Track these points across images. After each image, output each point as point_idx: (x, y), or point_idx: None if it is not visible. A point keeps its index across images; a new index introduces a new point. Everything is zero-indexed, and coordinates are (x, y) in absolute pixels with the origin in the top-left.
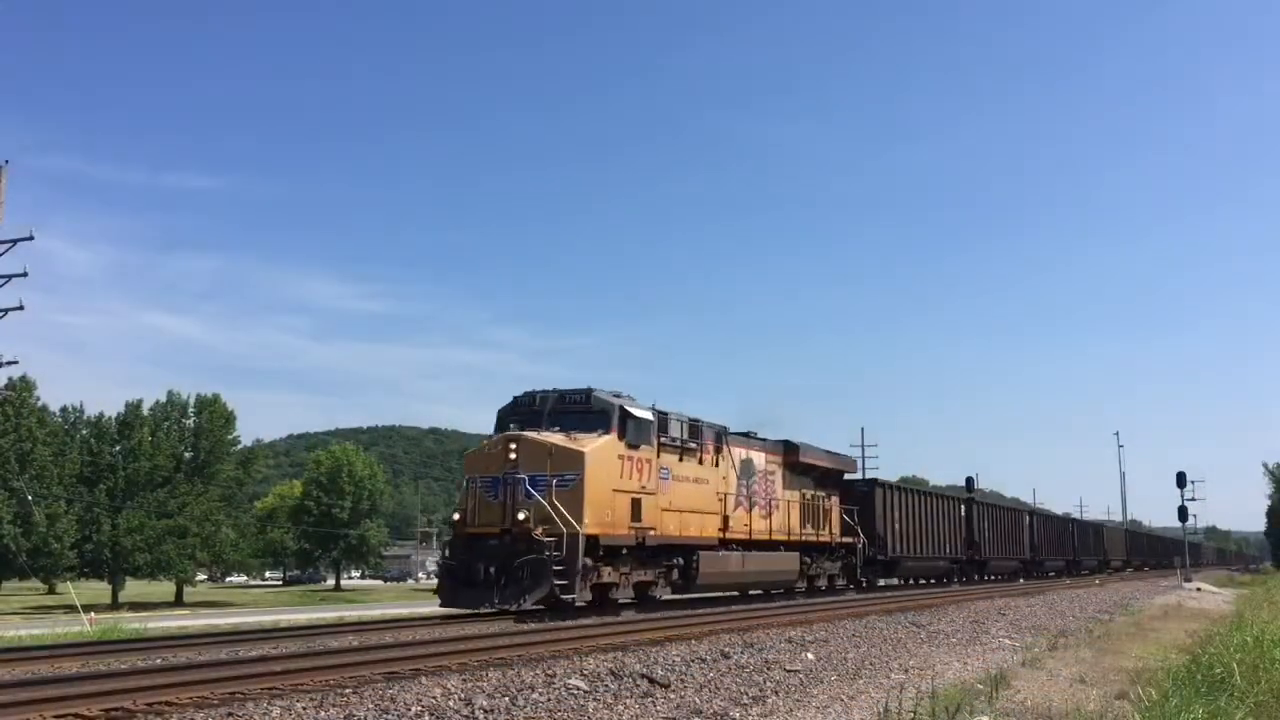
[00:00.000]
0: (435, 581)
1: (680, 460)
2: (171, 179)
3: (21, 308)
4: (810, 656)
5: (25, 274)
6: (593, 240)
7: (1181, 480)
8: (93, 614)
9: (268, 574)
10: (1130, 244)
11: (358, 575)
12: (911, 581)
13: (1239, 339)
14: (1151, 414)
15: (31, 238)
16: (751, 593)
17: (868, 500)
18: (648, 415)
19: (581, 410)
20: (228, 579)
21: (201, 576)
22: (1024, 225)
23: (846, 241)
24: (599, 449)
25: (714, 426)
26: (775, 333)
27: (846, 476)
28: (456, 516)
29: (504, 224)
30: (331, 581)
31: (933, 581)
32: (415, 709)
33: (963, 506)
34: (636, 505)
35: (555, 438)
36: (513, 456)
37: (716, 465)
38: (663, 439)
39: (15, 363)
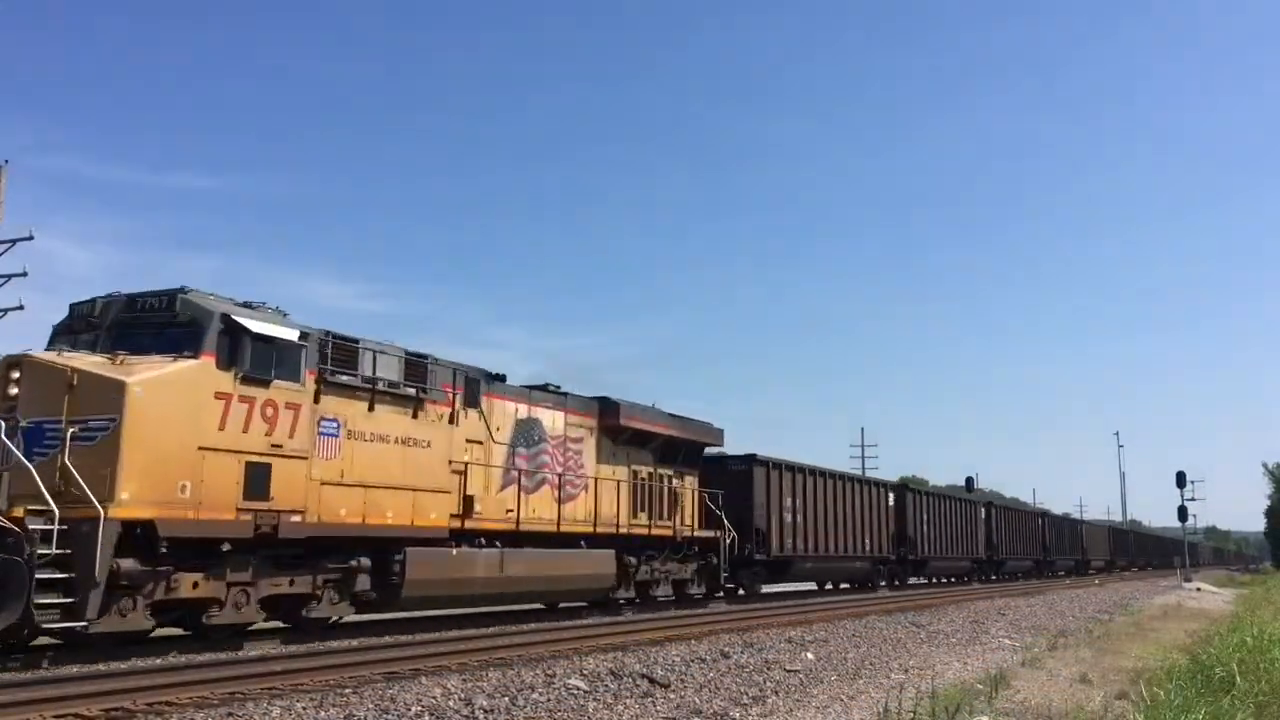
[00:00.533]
0: None
1: (372, 410)
2: (171, 179)
3: (21, 307)
4: (810, 656)
5: (25, 274)
6: (593, 240)
7: (1181, 480)
8: None
9: None
10: (1131, 244)
11: None
12: (830, 586)
13: (1239, 339)
14: (1151, 414)
15: (31, 238)
16: (564, 605)
17: (744, 483)
18: (288, 334)
19: (162, 322)
20: None
21: None
22: (1024, 225)
23: (847, 241)
24: (165, 379)
25: (458, 367)
26: (776, 332)
27: (711, 451)
28: None
29: (504, 224)
30: None
31: (854, 586)
32: (415, 709)
33: (891, 495)
34: (260, 474)
35: (85, 360)
36: (13, 391)
37: (454, 422)
38: (333, 375)
39: None
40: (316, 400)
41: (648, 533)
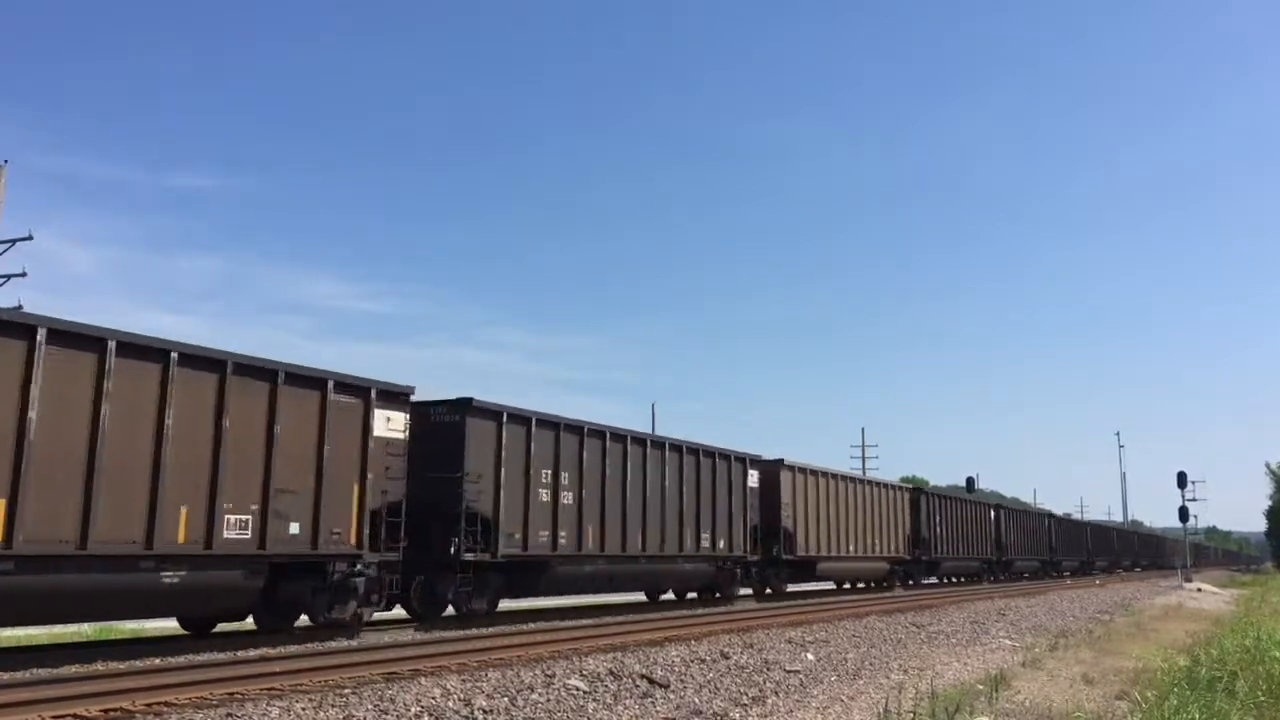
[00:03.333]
0: None
1: None
2: (171, 179)
3: (21, 308)
4: (810, 657)
5: (25, 274)
6: (593, 240)
7: (1182, 480)
8: None
9: None
10: (1131, 243)
11: None
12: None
13: (1240, 339)
14: (1152, 414)
15: (31, 238)
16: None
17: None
18: None
19: None
20: None
21: None
22: (1024, 225)
23: (846, 243)
24: None
25: None
26: (776, 332)
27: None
28: None
29: (504, 224)
30: None
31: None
32: (414, 709)
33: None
34: None
35: None
36: None
37: None
38: None
39: None
40: None
41: None
